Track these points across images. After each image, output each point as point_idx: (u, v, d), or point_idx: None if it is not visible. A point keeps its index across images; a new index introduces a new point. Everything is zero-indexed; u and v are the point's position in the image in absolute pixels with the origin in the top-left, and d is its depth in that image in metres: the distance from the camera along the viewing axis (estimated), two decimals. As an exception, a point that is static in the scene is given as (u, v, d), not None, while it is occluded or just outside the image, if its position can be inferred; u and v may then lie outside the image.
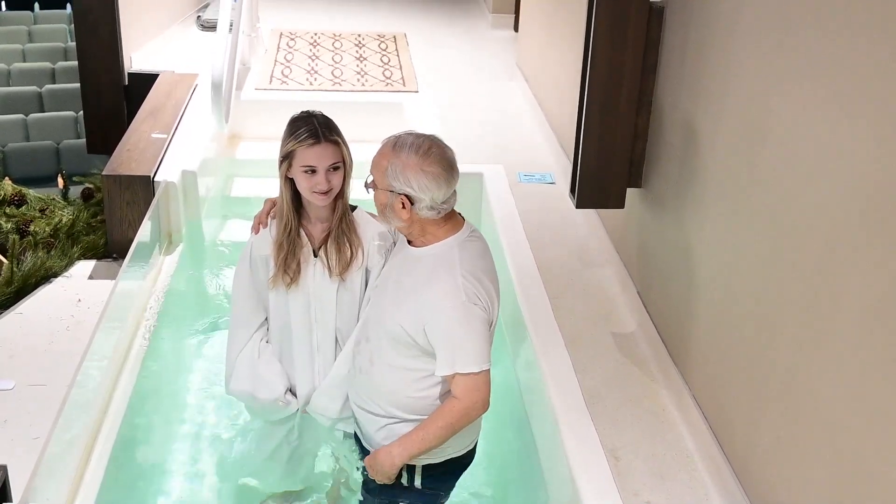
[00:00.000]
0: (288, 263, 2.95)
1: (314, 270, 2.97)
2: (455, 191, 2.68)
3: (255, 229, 3.05)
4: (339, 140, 2.86)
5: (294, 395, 3.11)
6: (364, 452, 2.96)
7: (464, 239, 2.72)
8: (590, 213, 4.81)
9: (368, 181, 2.71)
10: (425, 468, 2.86)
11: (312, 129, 2.82)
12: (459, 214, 2.78)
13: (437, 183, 2.60)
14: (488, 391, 2.73)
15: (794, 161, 2.66)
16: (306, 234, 2.97)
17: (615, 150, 3.90)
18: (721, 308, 3.19)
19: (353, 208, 3.02)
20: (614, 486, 3.02)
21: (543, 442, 3.49)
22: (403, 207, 2.63)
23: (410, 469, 2.85)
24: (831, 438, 2.44)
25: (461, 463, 2.94)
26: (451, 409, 2.70)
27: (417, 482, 2.89)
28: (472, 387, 2.67)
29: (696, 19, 3.43)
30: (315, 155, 2.81)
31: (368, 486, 2.99)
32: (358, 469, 3.04)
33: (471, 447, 2.94)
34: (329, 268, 2.96)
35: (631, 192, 4.04)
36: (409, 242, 2.78)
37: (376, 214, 2.92)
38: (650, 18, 3.73)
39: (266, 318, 3.11)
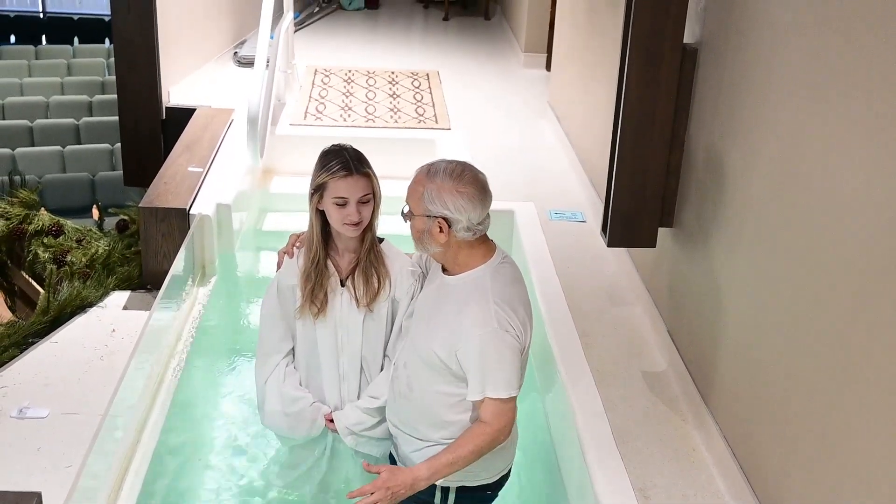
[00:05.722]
0: (315, 294, 3.00)
1: (341, 300, 3.02)
2: (489, 214, 2.73)
3: (280, 265, 3.12)
4: (370, 173, 2.92)
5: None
6: None
7: (497, 265, 2.77)
8: (620, 251, 4.81)
9: (405, 211, 2.76)
10: (459, 489, 2.88)
11: (344, 161, 2.88)
12: (492, 241, 2.82)
13: (472, 203, 2.66)
14: (514, 417, 2.78)
15: (828, 201, 2.66)
16: (333, 265, 3.02)
17: (647, 189, 3.91)
18: (752, 347, 3.18)
19: (381, 240, 3.06)
20: (644, 525, 3.01)
21: (572, 480, 3.48)
22: (441, 231, 2.68)
23: (445, 490, 2.87)
24: (865, 480, 2.42)
25: (495, 486, 2.96)
26: (481, 432, 2.73)
27: (451, 503, 2.91)
28: (500, 412, 2.72)
29: (729, 60, 3.45)
30: (347, 187, 2.86)
31: None
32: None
33: (504, 472, 2.97)
34: (356, 298, 3.00)
35: (662, 231, 4.05)
36: (444, 270, 2.82)
37: (401, 251, 2.98)
38: (683, 59, 3.75)
39: (293, 346, 3.15)
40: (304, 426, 3.15)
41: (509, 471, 3.02)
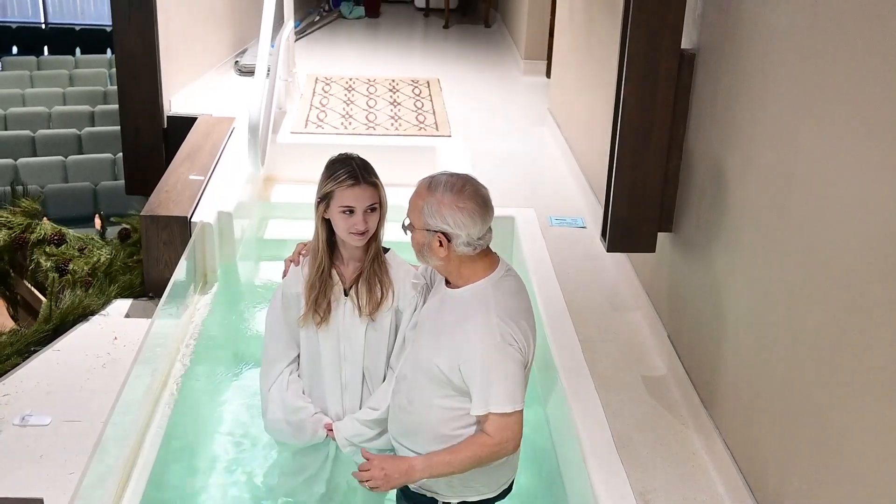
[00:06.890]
0: (319, 303, 3.00)
1: (344, 309, 3.02)
2: (490, 227, 2.72)
3: (285, 273, 3.12)
4: (377, 182, 2.93)
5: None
6: (399, 490, 2.98)
7: (499, 278, 2.75)
8: (620, 257, 4.82)
9: (405, 223, 2.76)
10: None
11: (352, 170, 2.88)
12: (494, 253, 2.82)
13: (472, 219, 2.64)
14: (520, 432, 2.74)
15: (825, 205, 2.67)
16: (338, 274, 3.02)
17: (646, 195, 3.92)
18: (751, 352, 3.19)
19: (386, 250, 3.07)
20: (644, 529, 3.02)
21: (573, 485, 3.49)
22: (441, 245, 2.67)
23: None
24: (863, 483, 2.43)
25: (496, 499, 2.95)
26: (482, 443, 2.71)
27: None
28: (503, 426, 2.69)
29: (726, 66, 3.47)
30: (354, 196, 2.86)
31: None
32: None
33: (506, 486, 2.96)
34: (359, 307, 3.00)
35: (661, 236, 4.06)
36: (447, 283, 2.82)
37: (406, 262, 3.00)
38: (681, 65, 3.77)
39: (298, 354, 3.16)
40: (305, 436, 3.16)
41: (511, 483, 3.01)
